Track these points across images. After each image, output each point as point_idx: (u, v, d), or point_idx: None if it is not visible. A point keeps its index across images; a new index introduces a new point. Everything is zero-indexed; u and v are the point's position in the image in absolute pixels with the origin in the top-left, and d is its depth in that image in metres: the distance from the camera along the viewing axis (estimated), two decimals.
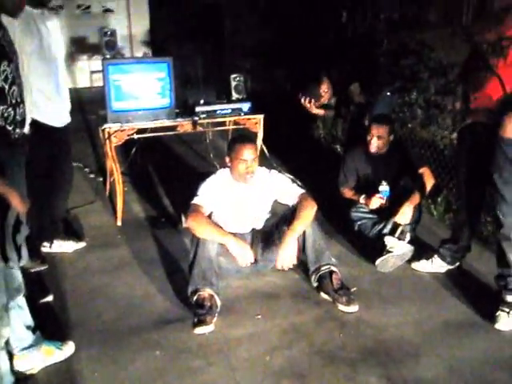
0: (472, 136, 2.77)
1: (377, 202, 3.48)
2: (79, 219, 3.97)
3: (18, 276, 2.16)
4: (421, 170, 3.52)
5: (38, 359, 2.27)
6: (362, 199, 3.54)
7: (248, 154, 2.87)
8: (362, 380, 2.26)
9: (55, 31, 3.11)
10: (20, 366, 2.23)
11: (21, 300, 2.19)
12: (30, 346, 2.26)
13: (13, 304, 2.13)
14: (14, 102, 2.15)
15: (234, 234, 2.90)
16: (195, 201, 2.87)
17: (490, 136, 2.54)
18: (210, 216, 2.93)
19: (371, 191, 3.52)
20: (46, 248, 3.34)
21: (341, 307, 2.76)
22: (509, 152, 2.48)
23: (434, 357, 2.41)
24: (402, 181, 3.47)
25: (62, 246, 3.41)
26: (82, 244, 3.51)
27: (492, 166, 2.55)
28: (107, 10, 10.84)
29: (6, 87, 2.11)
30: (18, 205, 2.02)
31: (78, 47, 10.28)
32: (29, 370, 2.25)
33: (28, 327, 2.25)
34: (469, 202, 2.95)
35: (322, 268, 2.85)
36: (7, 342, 2.11)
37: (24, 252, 2.16)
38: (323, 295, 2.87)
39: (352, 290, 2.87)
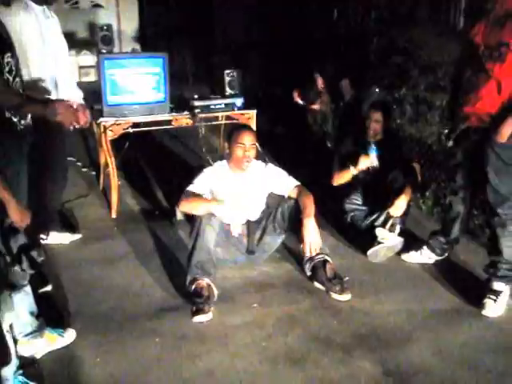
0: (468, 140, 2.83)
1: (365, 161, 3.58)
2: (74, 212, 4.01)
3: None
4: (412, 165, 3.62)
5: (41, 345, 2.33)
6: (352, 168, 3.60)
7: (247, 139, 2.98)
8: (357, 364, 2.34)
9: (56, 29, 3.21)
10: (23, 351, 2.28)
11: (26, 286, 2.23)
12: (33, 332, 2.31)
13: (18, 289, 2.18)
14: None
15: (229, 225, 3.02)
16: (189, 188, 2.97)
17: (483, 139, 2.64)
18: None
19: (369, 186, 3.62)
20: (42, 240, 3.37)
21: (334, 296, 2.85)
22: (502, 154, 2.59)
23: (424, 342, 2.51)
24: (391, 174, 3.55)
25: (58, 238, 3.46)
26: (77, 236, 3.56)
27: (486, 166, 2.66)
28: (96, 6, 10.82)
29: (11, 79, 2.16)
30: (14, 216, 2.03)
31: (66, 42, 10.25)
32: (32, 355, 2.30)
33: (32, 313, 2.30)
34: (462, 197, 3.03)
35: (316, 257, 2.93)
36: (11, 327, 2.16)
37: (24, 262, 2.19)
38: (317, 284, 2.95)
39: (345, 279, 2.95)
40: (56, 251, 3.36)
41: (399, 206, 3.39)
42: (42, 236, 3.36)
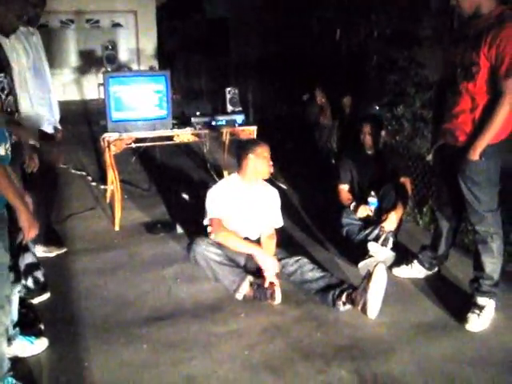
0: (443, 156, 2.90)
1: (363, 211, 3.65)
2: (79, 224, 4.16)
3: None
4: (403, 180, 3.69)
5: (12, 352, 2.40)
6: (352, 206, 3.70)
7: (268, 152, 3.17)
8: (334, 373, 2.40)
9: (39, 45, 3.27)
10: None
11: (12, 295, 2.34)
12: (9, 339, 2.37)
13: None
14: (9, 110, 2.36)
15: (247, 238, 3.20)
16: (212, 215, 3.12)
17: (457, 157, 2.70)
18: None
19: (360, 200, 3.69)
20: None
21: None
22: (475, 172, 2.65)
23: (404, 354, 2.55)
24: (382, 189, 3.61)
25: (43, 251, 3.53)
26: (63, 250, 3.65)
27: (461, 184, 2.71)
28: (116, 25, 11.16)
29: (3, 97, 2.31)
30: (25, 223, 2.06)
31: (87, 60, 10.59)
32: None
33: (12, 321, 2.39)
34: (446, 213, 3.09)
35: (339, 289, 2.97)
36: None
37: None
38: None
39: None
40: (57, 261, 3.49)
41: (392, 221, 3.46)
42: None
